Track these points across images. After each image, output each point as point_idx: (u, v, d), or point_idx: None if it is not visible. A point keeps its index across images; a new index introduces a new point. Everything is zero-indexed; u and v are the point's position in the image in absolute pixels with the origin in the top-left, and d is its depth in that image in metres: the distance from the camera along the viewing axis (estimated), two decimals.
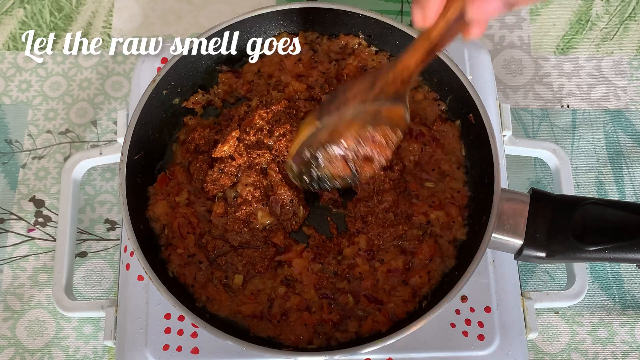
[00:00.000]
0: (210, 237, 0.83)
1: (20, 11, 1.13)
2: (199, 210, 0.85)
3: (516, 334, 0.83)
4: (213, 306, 0.81)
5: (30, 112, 1.06)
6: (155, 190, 0.86)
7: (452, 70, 0.85)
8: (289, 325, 0.80)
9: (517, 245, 0.78)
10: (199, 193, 0.86)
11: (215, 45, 0.89)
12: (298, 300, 0.80)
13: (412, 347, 0.81)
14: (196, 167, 0.86)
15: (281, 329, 0.79)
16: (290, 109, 0.87)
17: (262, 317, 0.80)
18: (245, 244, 0.83)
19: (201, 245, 0.83)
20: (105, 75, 1.08)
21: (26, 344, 0.93)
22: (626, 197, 1.00)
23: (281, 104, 0.86)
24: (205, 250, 0.83)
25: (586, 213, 0.76)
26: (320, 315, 0.80)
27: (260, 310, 0.80)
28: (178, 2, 1.14)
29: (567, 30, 1.11)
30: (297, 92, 0.90)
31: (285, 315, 0.80)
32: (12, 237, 0.98)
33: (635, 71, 1.08)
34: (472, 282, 0.77)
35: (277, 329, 0.80)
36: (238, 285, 0.82)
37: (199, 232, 0.84)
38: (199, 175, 0.86)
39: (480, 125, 0.82)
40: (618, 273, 0.96)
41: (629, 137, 1.04)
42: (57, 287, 0.87)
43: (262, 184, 0.84)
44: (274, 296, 0.81)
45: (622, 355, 0.92)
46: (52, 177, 1.02)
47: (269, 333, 0.79)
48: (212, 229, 0.84)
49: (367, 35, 0.92)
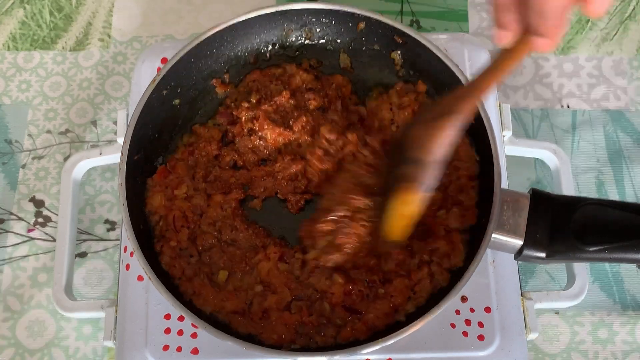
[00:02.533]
0: (200, 231, 0.83)
1: (20, 11, 1.13)
2: (196, 204, 0.84)
3: (516, 334, 0.83)
4: (199, 300, 0.80)
5: (30, 112, 1.06)
6: (154, 182, 0.86)
7: (452, 70, 0.85)
8: (270, 324, 0.79)
9: (517, 246, 0.78)
10: (199, 184, 0.85)
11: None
12: (275, 299, 0.80)
13: (412, 347, 0.81)
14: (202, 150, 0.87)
15: (262, 328, 0.79)
16: (298, 101, 0.87)
17: (244, 314, 0.80)
18: (233, 241, 0.83)
19: (193, 239, 0.83)
20: (105, 75, 1.08)
21: (26, 344, 0.93)
22: (626, 197, 1.00)
23: (282, 94, 0.86)
24: (195, 244, 0.83)
25: (586, 213, 0.77)
26: (300, 317, 0.79)
27: (242, 308, 0.80)
28: (178, 2, 1.14)
29: (567, 30, 1.11)
30: (304, 82, 0.89)
31: (267, 314, 0.80)
32: (12, 237, 0.98)
33: (635, 71, 1.08)
34: (472, 282, 0.77)
35: (258, 326, 0.79)
36: (222, 281, 0.81)
37: (193, 227, 0.84)
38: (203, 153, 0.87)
39: (480, 125, 0.82)
40: (618, 273, 0.96)
41: (629, 137, 1.04)
42: (57, 287, 0.87)
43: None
44: (252, 294, 0.81)
45: (623, 355, 0.92)
46: (52, 177, 1.02)
47: (250, 330, 0.79)
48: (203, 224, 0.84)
49: None
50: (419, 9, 1.12)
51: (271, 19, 0.91)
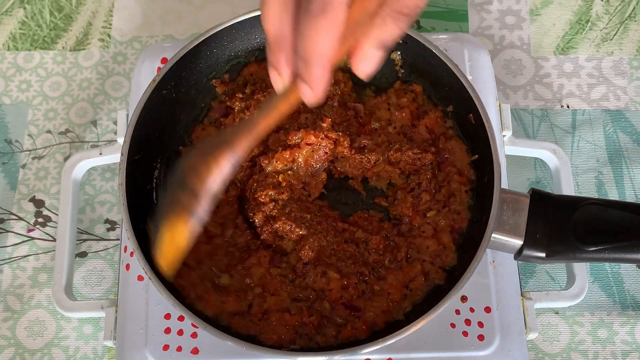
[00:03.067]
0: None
1: (20, 11, 1.13)
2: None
3: (516, 334, 0.83)
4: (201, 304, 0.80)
5: (30, 112, 1.06)
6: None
7: (452, 71, 0.85)
8: (270, 325, 0.79)
9: (517, 246, 0.78)
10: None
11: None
12: (274, 300, 0.80)
13: (412, 347, 0.81)
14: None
15: (262, 328, 0.79)
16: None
17: (244, 315, 0.80)
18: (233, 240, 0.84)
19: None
20: (105, 75, 1.08)
21: (26, 344, 0.93)
22: (626, 197, 1.00)
23: None
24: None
25: (586, 213, 0.77)
26: (301, 317, 0.79)
27: (242, 309, 0.80)
28: (178, 2, 1.14)
29: (567, 30, 1.11)
30: None
31: (267, 315, 0.80)
32: (12, 237, 0.98)
33: (635, 71, 1.08)
34: (472, 282, 0.77)
35: (258, 327, 0.79)
36: (226, 285, 0.82)
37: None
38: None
39: (480, 125, 0.82)
40: (618, 273, 0.96)
41: (629, 137, 1.04)
42: (57, 287, 0.87)
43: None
44: (252, 295, 0.81)
45: (622, 355, 0.92)
46: (52, 177, 1.02)
47: (250, 331, 0.79)
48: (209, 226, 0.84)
49: None
50: None
51: None
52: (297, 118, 0.89)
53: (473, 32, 1.11)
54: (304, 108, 0.88)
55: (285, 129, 0.88)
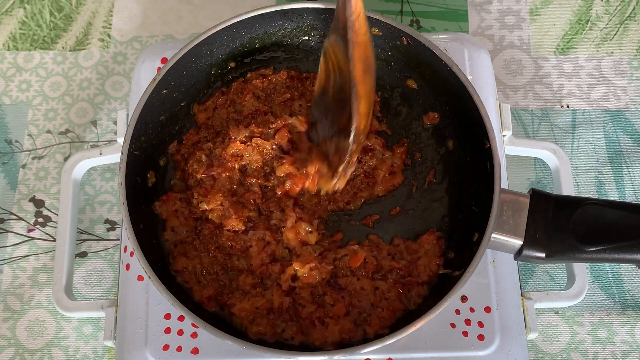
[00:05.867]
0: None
1: (20, 11, 1.13)
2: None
3: (516, 334, 0.83)
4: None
5: (30, 112, 1.06)
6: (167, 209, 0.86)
7: (452, 70, 0.85)
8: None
9: (517, 246, 0.78)
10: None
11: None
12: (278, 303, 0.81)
13: (412, 347, 0.81)
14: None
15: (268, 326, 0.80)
16: (292, 80, 0.89)
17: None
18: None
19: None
20: (105, 75, 1.08)
21: (26, 344, 0.93)
22: (626, 197, 1.00)
23: (280, 73, 0.87)
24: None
25: (586, 213, 0.77)
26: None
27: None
28: (178, 2, 1.14)
29: (567, 30, 1.11)
30: (278, 84, 0.91)
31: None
32: (12, 237, 0.98)
33: (635, 71, 1.08)
34: (472, 282, 0.77)
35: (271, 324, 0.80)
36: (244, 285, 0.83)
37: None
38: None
39: (480, 125, 0.82)
40: (618, 273, 0.96)
41: (629, 137, 1.04)
42: (57, 287, 0.87)
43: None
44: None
45: (622, 355, 0.92)
46: (52, 177, 1.02)
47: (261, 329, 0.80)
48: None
49: None
50: (419, 9, 1.12)
51: (271, 19, 0.91)
52: (290, 105, 0.89)
53: (473, 32, 1.11)
54: (298, 96, 0.89)
55: (274, 113, 0.89)
